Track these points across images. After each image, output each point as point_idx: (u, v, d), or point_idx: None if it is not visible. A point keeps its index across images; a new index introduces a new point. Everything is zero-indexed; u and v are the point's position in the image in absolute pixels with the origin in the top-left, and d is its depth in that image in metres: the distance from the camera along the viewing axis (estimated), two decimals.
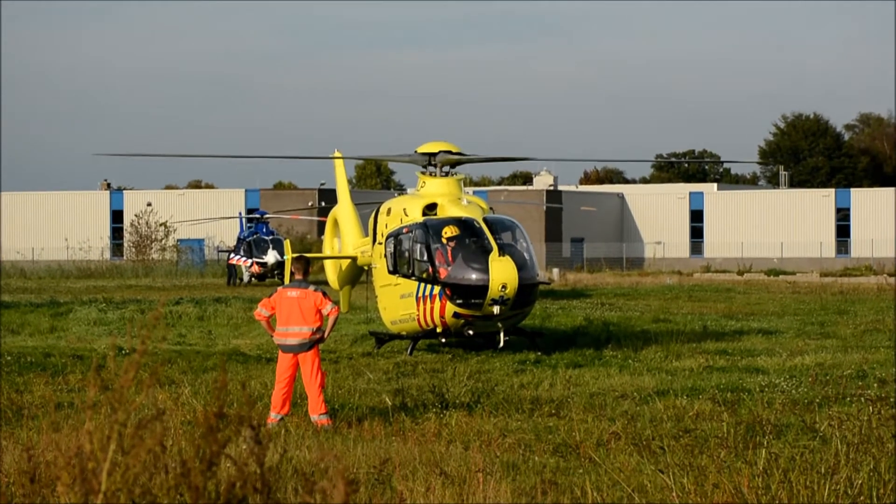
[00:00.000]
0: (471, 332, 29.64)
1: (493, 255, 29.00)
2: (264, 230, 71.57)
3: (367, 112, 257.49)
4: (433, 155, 31.61)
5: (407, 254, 30.52)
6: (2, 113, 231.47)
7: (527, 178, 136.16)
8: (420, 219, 30.52)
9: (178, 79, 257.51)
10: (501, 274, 28.77)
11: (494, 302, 28.79)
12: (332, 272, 36.44)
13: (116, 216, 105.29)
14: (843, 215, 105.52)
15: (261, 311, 19.20)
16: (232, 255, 72.35)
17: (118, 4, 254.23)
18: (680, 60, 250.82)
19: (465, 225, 30.01)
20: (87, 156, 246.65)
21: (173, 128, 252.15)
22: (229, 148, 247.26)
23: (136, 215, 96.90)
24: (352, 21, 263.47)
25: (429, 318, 29.79)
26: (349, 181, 39.52)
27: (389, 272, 31.04)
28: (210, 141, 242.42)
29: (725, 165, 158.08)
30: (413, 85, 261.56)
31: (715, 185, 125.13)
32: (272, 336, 19.31)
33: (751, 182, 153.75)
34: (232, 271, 70.66)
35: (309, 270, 19.65)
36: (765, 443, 11.75)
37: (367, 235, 34.09)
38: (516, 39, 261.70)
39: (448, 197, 31.03)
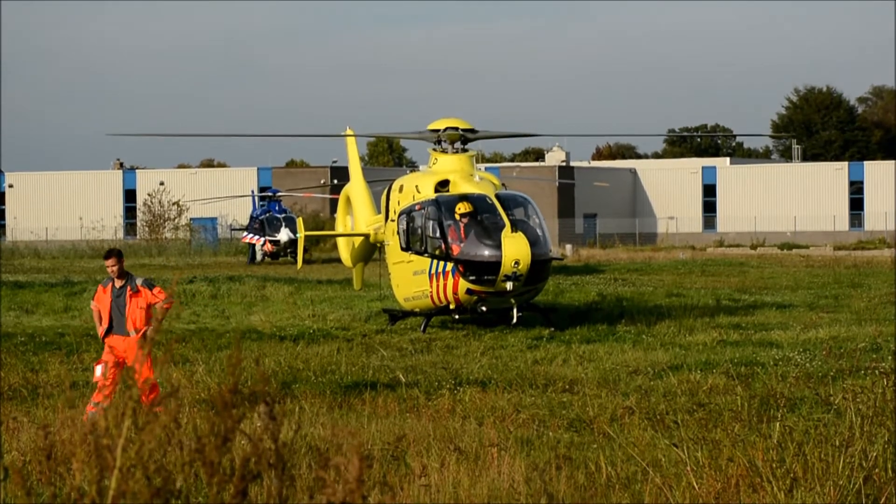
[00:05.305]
0: (484, 309, 29.64)
1: (506, 232, 28.98)
2: (277, 208, 71.57)
3: (379, 90, 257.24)
4: (445, 132, 31.57)
5: (420, 231, 30.52)
6: (12, 93, 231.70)
7: (539, 155, 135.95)
8: (432, 195, 30.51)
9: (188, 57, 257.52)
10: (514, 250, 28.75)
11: (507, 278, 28.78)
12: (344, 250, 36.47)
13: (129, 195, 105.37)
14: (856, 188, 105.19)
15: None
16: (245, 233, 72.40)
17: None
18: (692, 34, 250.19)
19: (477, 201, 29.98)
20: (100, 135, 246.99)
21: (184, 107, 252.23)
22: (241, 127, 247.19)
23: (148, 194, 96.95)
24: None
25: (442, 295, 29.79)
26: (361, 159, 39.51)
27: (402, 249, 31.04)
28: (222, 120, 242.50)
29: (738, 139, 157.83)
30: (424, 62, 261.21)
31: (727, 159, 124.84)
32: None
33: (763, 156, 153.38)
34: (253, 250, 70.67)
35: None
36: (779, 416, 11.75)
37: (379, 213, 34.09)
38: (525, 15, 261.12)
39: (460, 173, 31.00)
